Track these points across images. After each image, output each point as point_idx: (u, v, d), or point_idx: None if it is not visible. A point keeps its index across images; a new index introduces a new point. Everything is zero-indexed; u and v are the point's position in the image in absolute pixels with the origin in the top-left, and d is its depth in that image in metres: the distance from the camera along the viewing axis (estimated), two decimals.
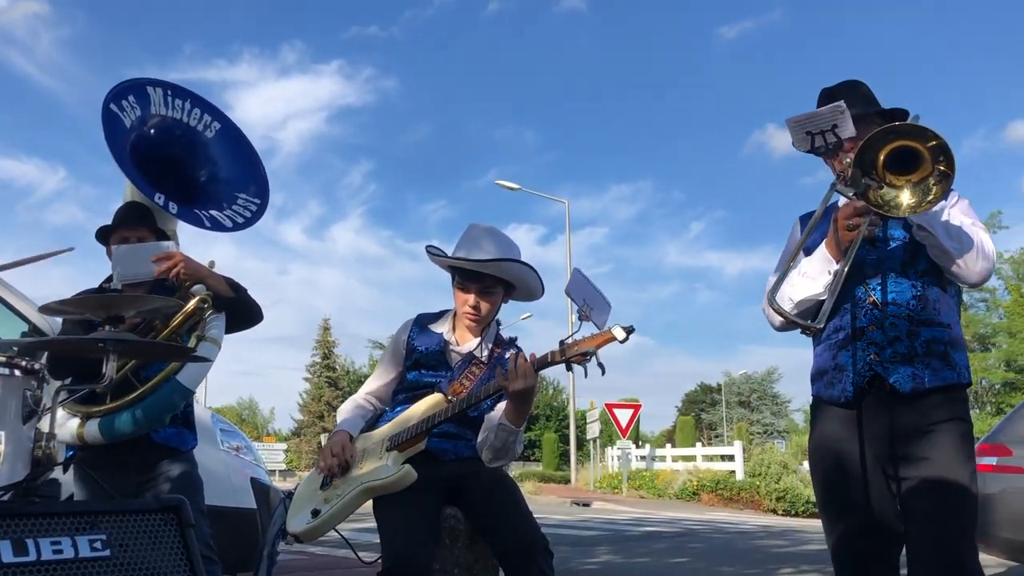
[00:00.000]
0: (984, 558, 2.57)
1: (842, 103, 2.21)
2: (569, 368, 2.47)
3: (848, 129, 2.20)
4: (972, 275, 2.24)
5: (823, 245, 2.31)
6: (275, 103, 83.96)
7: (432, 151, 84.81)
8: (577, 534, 10.14)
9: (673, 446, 29.68)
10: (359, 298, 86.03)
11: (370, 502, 2.60)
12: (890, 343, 2.26)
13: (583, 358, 2.43)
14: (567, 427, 30.79)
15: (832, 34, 72.05)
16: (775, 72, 73.96)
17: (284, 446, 31.97)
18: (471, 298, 2.75)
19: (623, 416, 22.03)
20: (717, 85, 78.62)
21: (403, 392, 2.83)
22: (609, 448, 25.81)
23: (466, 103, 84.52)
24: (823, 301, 2.24)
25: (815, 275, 2.30)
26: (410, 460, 2.58)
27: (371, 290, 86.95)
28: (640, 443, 31.40)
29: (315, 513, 2.61)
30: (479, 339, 2.80)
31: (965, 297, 41.05)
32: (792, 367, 60.78)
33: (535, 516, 2.63)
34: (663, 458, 24.81)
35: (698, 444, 30.18)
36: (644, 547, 8.80)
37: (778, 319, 2.38)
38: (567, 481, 27.78)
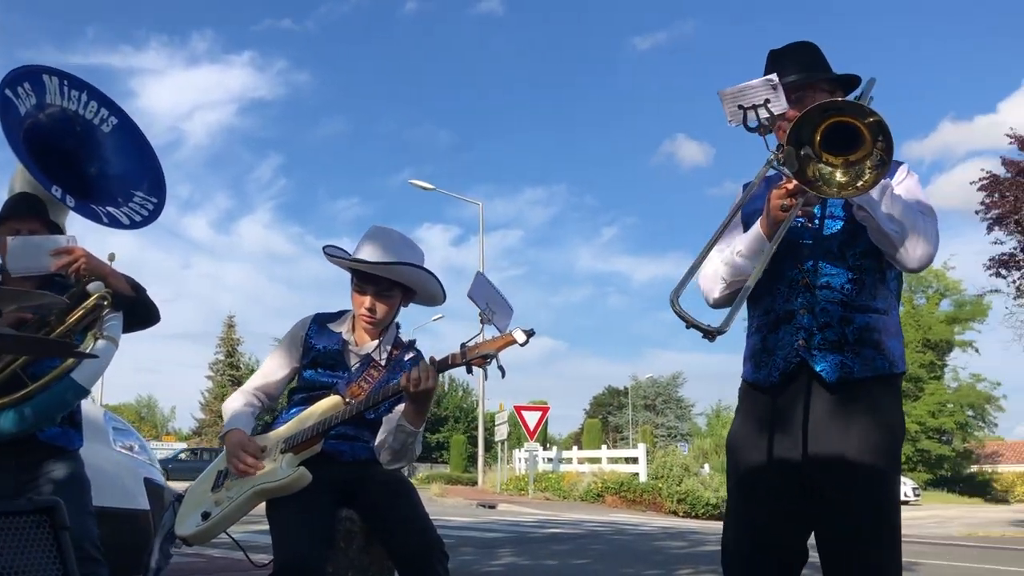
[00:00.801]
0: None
1: (774, 76, 2.08)
2: (469, 370, 2.50)
3: (780, 104, 2.07)
4: (912, 260, 2.13)
5: (757, 224, 2.19)
6: (183, 93, 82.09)
7: (345, 147, 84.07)
8: (481, 536, 10.15)
9: (580, 448, 30.00)
10: (266, 295, 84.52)
11: (263, 504, 2.56)
12: (820, 329, 2.15)
13: (483, 361, 2.45)
14: (476, 429, 30.84)
15: (743, 48, 74.07)
16: (686, 83, 75.62)
17: (184, 446, 31.09)
18: (367, 300, 2.73)
19: (531, 418, 22.18)
20: (630, 93, 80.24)
21: (299, 392, 2.79)
22: (517, 450, 25.94)
23: (381, 100, 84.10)
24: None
25: (749, 254, 2.19)
26: (305, 462, 2.56)
27: (278, 287, 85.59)
28: (548, 445, 31.63)
29: (205, 516, 2.54)
30: (378, 341, 2.80)
31: None
32: (696, 372, 62.37)
33: (440, 518, 2.64)
34: (569, 460, 25.06)
35: (604, 447, 30.57)
36: (547, 549, 8.87)
37: (715, 293, 2.29)
38: (474, 483, 27.80)
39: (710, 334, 1.79)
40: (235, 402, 2.84)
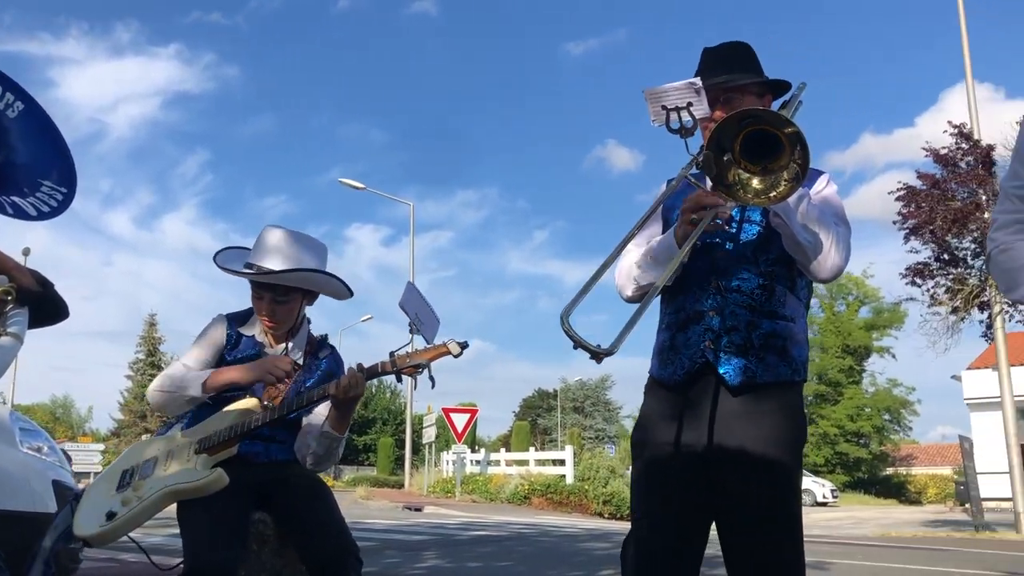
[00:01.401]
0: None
1: (698, 80, 2.07)
2: (399, 379, 2.50)
3: (702, 108, 2.06)
4: (823, 271, 2.15)
5: (673, 227, 2.17)
6: (105, 84, 79.99)
7: (274, 144, 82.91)
8: (406, 539, 10.08)
9: (508, 451, 30.05)
10: (189, 293, 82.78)
11: (174, 505, 2.50)
12: (727, 332, 2.14)
13: (414, 370, 2.45)
14: (403, 431, 30.64)
15: (674, 58, 75.32)
16: (618, 90, 76.43)
17: (101, 447, 30.19)
18: (265, 307, 2.70)
19: (459, 421, 22.13)
20: (562, 99, 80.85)
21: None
22: (445, 453, 25.86)
23: (312, 98, 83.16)
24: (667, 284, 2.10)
25: (663, 260, 2.15)
26: (220, 463, 2.50)
27: (202, 285, 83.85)
28: (476, 448, 31.61)
29: (111, 515, 2.45)
30: (291, 342, 2.76)
31: None
32: (624, 375, 63.01)
33: (365, 521, 2.62)
34: (497, 463, 25.06)
35: (532, 449, 30.70)
36: (472, 551, 8.85)
37: (627, 292, 2.27)
38: (401, 486, 27.63)
39: (597, 355, 1.78)
40: (175, 369, 2.73)
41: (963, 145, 14.17)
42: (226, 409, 2.60)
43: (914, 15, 66.02)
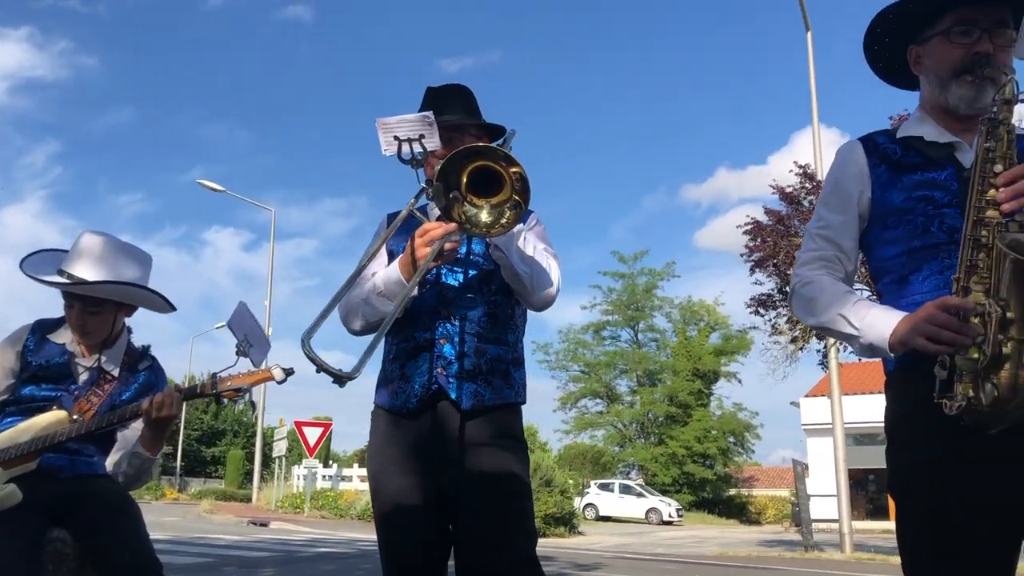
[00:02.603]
0: None
1: (430, 114, 2.16)
2: (219, 401, 2.44)
3: (434, 141, 2.16)
4: (538, 301, 2.30)
5: (396, 264, 2.25)
6: None
7: (132, 139, 79.36)
8: (246, 555, 9.76)
9: (362, 466, 29.63)
10: (30, 291, 77.69)
11: None
12: (458, 358, 2.24)
13: (235, 394, 2.38)
14: (255, 444, 29.74)
15: (542, 83, 76.75)
16: (488, 109, 77.07)
17: None
18: (74, 317, 2.58)
19: (312, 434, 21.67)
20: None
21: (13, 405, 2.56)
22: (296, 467, 25.25)
23: (176, 94, 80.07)
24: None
25: (388, 294, 2.23)
26: (18, 477, 2.34)
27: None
28: (330, 462, 31.01)
29: None
30: (103, 354, 2.62)
31: (640, 336, 45.17)
32: None
33: (206, 536, 2.52)
34: (349, 478, 24.66)
35: None
36: (314, 568, 8.66)
37: (354, 326, 2.32)
38: (249, 500, 26.77)
39: (340, 379, 1.80)
40: None
41: (807, 184, 14.99)
42: (31, 421, 2.45)
43: (771, 58, 69.77)
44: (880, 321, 1.71)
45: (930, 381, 1.60)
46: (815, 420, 28.05)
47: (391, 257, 2.34)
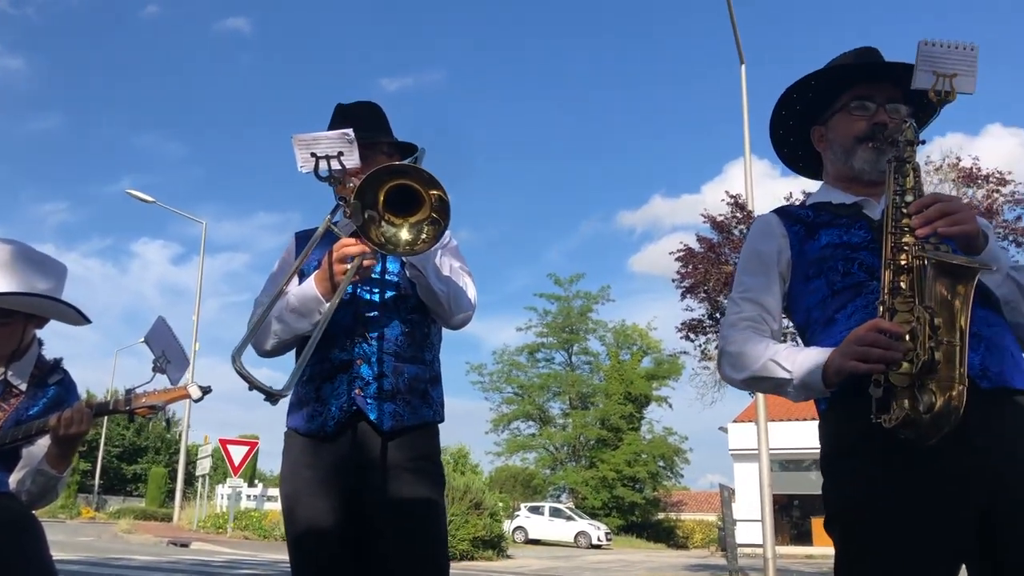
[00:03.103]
0: None
1: (350, 131, 2.14)
2: (132, 419, 2.38)
3: (353, 159, 2.15)
4: (454, 319, 2.31)
5: (311, 282, 2.22)
6: None
7: (59, 147, 77.41)
8: None
9: None
10: None
11: None
12: (376, 379, 2.21)
13: (149, 411, 2.30)
14: (178, 461, 29.00)
15: (485, 103, 77.14)
16: (426, 128, 77.22)
17: None
18: None
19: (237, 453, 21.21)
20: None
21: None
22: (220, 486, 24.68)
23: (107, 102, 78.44)
24: (308, 336, 2.16)
25: (305, 311, 2.21)
26: None
27: None
28: (256, 482, 30.40)
29: None
30: (9, 368, 2.51)
31: (574, 359, 45.40)
32: None
33: (122, 557, 2.41)
34: (275, 498, 24.17)
35: None
36: None
37: (265, 346, 2.27)
38: (170, 519, 26.07)
39: (272, 397, 1.81)
40: None
41: (738, 214, 15.27)
42: None
43: (706, 90, 71.27)
44: (811, 358, 1.74)
45: (865, 412, 1.62)
46: (742, 445, 28.46)
47: (301, 276, 2.30)
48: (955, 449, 1.60)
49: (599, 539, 30.70)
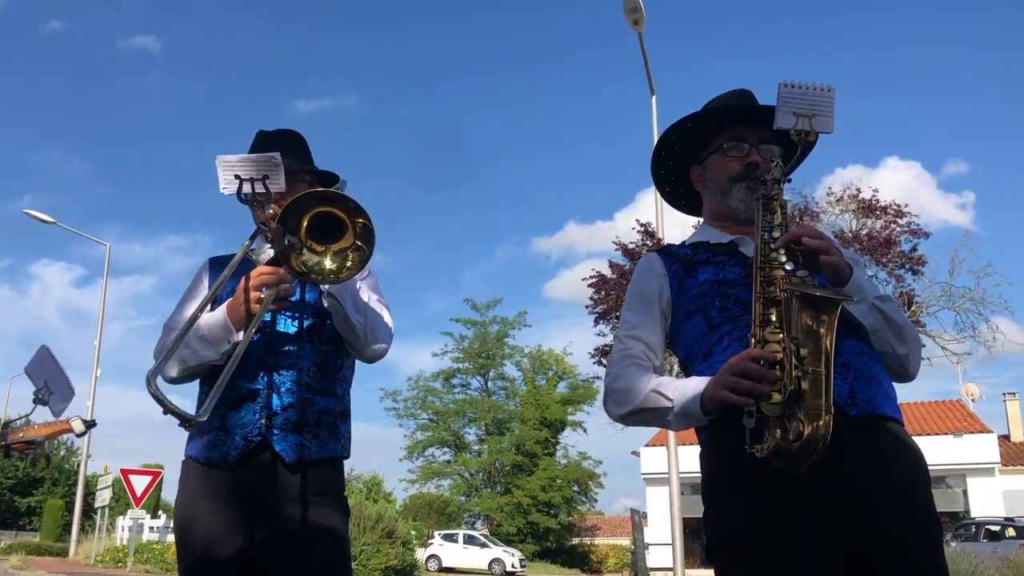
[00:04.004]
0: None
1: (277, 155, 2.12)
2: (8, 455, 2.28)
3: (279, 183, 2.12)
4: (368, 351, 2.28)
5: (223, 309, 2.16)
6: None
7: None
8: None
9: None
10: None
11: None
12: (283, 409, 2.17)
13: (27, 447, 2.19)
14: (75, 493, 27.80)
15: (402, 127, 76.99)
16: (341, 151, 76.47)
17: None
18: None
19: (139, 483, 20.39)
20: None
21: None
22: (121, 518, 23.73)
23: (6, 118, 75.28)
24: (216, 365, 2.12)
25: (213, 340, 2.15)
26: None
27: None
28: (159, 513, 29.32)
29: None
30: None
31: (490, 384, 45.32)
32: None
33: None
34: None
35: None
36: None
37: (172, 372, 2.21)
38: (65, 554, 24.94)
39: (188, 422, 1.78)
40: None
41: (648, 242, 15.58)
42: None
43: (619, 119, 72.52)
44: (691, 387, 1.78)
45: (741, 442, 1.65)
46: (654, 469, 28.83)
47: (215, 303, 2.23)
48: (829, 477, 1.63)
49: (513, 566, 30.56)
